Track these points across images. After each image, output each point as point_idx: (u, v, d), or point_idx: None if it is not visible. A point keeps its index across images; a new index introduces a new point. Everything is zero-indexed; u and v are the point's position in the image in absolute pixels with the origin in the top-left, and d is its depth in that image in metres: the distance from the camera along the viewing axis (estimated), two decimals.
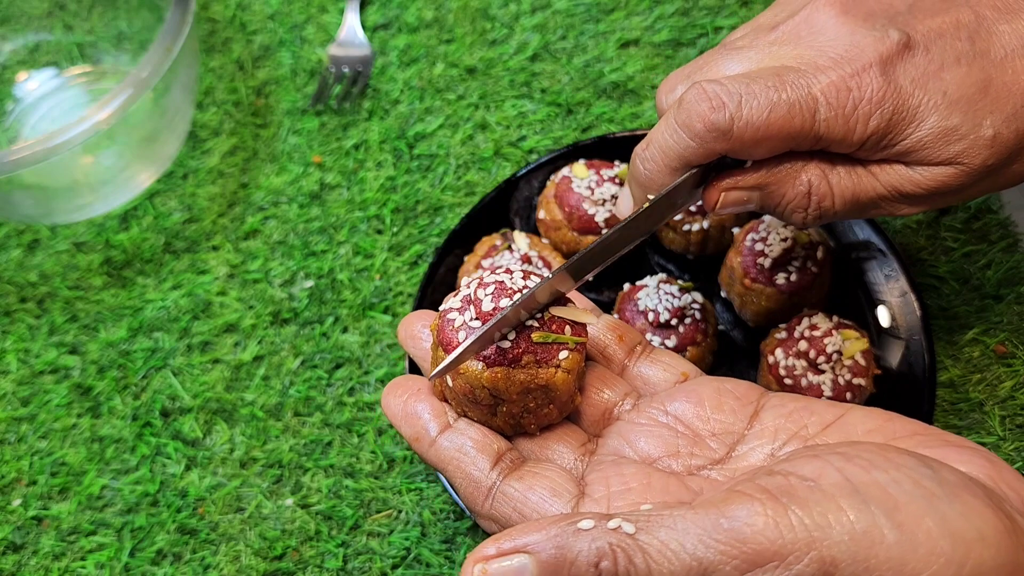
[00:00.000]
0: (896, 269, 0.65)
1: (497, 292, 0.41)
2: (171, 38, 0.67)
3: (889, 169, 0.46)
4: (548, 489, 0.39)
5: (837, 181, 0.47)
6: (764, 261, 0.65)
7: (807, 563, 0.31)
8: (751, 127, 0.44)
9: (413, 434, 0.42)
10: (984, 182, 0.46)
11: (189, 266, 0.76)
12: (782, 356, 0.62)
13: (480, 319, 0.41)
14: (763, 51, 0.47)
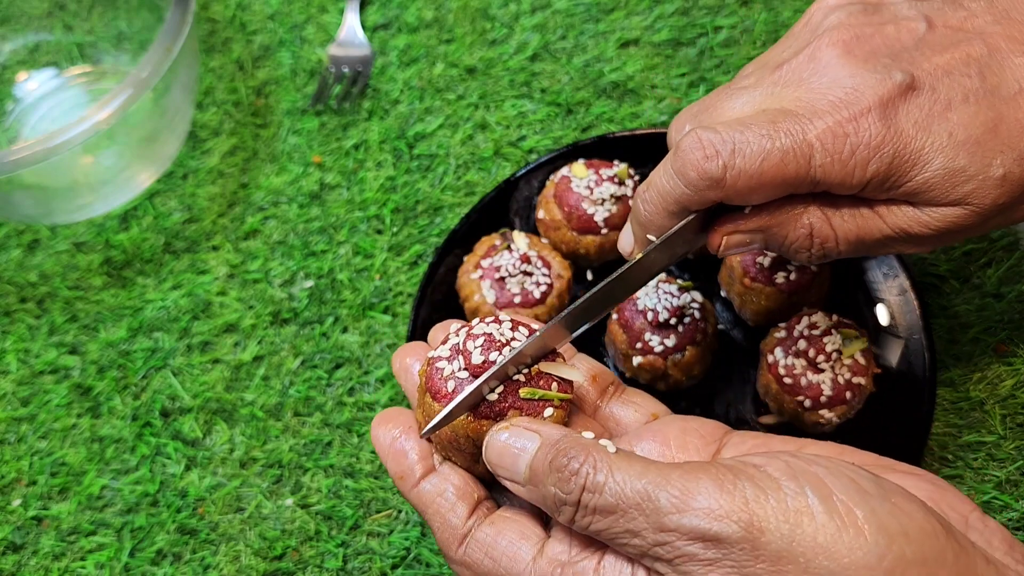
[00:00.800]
0: (895, 267, 0.65)
1: (487, 345, 0.42)
2: (171, 38, 0.67)
3: (896, 210, 0.46)
4: (517, 533, 0.40)
5: (840, 223, 0.47)
6: (764, 260, 0.65)
7: (735, 522, 0.33)
8: (744, 176, 0.44)
9: (398, 472, 0.43)
10: (996, 219, 0.45)
11: (189, 266, 0.76)
12: (782, 355, 0.62)
13: (469, 371, 0.42)
14: (767, 91, 0.47)
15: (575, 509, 0.37)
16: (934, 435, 0.64)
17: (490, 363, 0.41)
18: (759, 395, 0.65)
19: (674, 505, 0.34)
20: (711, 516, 0.34)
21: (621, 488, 0.36)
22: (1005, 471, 0.62)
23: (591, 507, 0.36)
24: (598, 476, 0.36)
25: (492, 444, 0.40)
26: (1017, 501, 0.61)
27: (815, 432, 0.63)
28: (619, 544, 0.36)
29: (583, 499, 0.36)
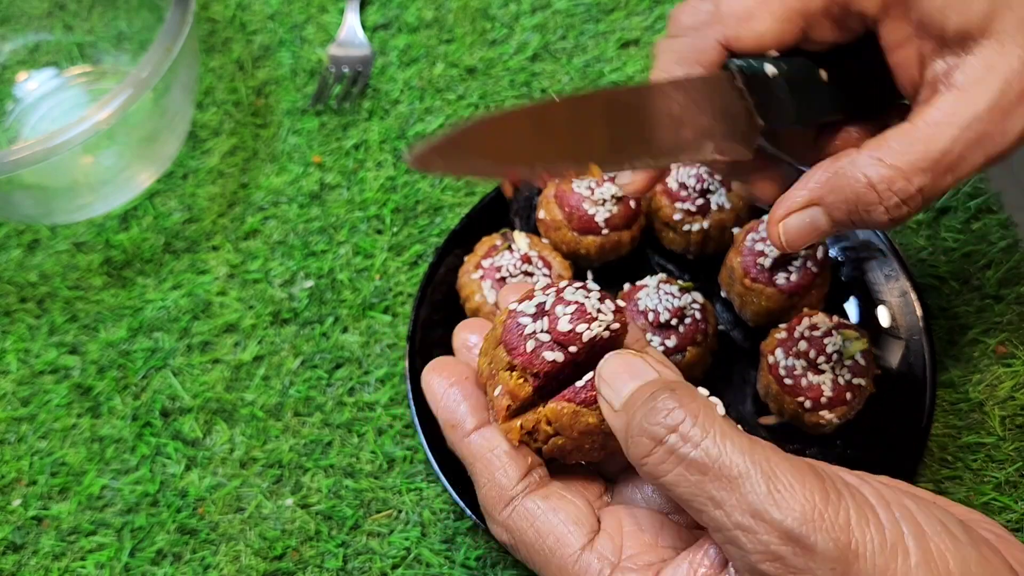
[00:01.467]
0: (896, 269, 0.65)
1: (577, 315, 0.40)
2: (171, 38, 0.67)
3: (936, 102, 0.41)
4: (571, 516, 0.39)
5: (895, 152, 0.40)
6: (764, 261, 0.65)
7: (833, 540, 0.31)
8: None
9: (450, 420, 0.41)
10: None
11: (189, 266, 0.76)
12: (782, 356, 0.62)
13: (553, 336, 0.40)
14: None
15: (655, 445, 0.34)
16: (934, 436, 0.64)
17: (576, 335, 0.40)
18: (759, 396, 0.65)
19: (774, 498, 0.32)
20: (811, 524, 0.31)
21: (719, 452, 0.33)
22: (1004, 472, 0.62)
23: (678, 455, 0.34)
24: (694, 429, 0.34)
25: (613, 361, 0.39)
26: (1016, 503, 0.61)
27: (815, 433, 0.63)
28: (694, 508, 0.34)
29: (671, 441, 0.34)
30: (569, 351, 0.40)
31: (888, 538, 0.31)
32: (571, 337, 0.40)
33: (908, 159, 0.39)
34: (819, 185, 0.42)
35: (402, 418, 0.68)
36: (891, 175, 0.40)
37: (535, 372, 0.40)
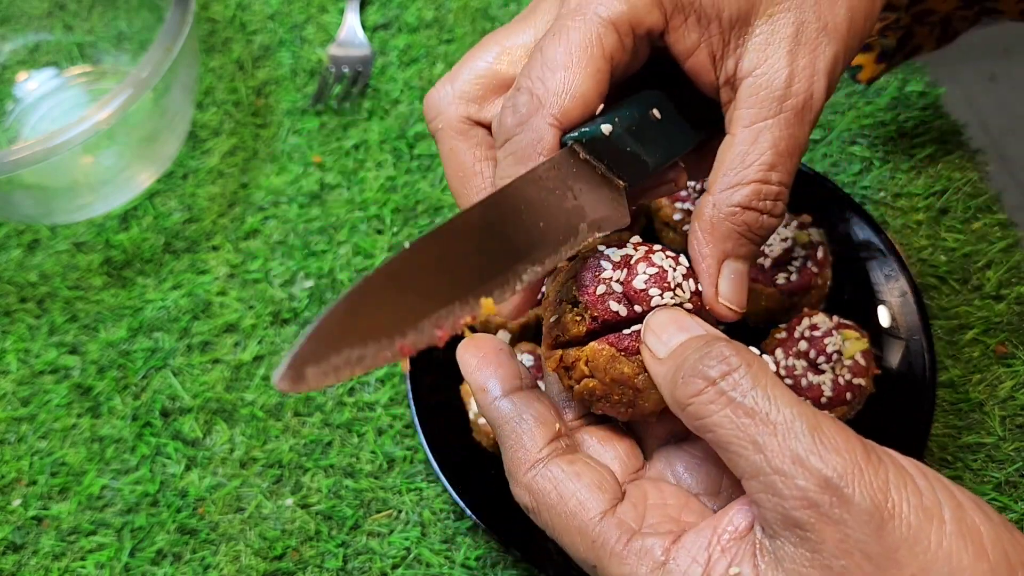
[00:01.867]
0: (896, 269, 0.65)
1: (657, 278, 0.40)
2: (171, 38, 0.67)
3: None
4: (594, 482, 0.38)
5: (738, 172, 0.41)
6: (764, 261, 0.65)
7: (870, 496, 0.32)
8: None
9: (480, 384, 0.41)
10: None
11: (189, 266, 0.76)
12: (782, 356, 0.62)
13: (625, 289, 0.40)
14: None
15: (707, 385, 0.35)
16: (934, 436, 0.64)
17: (648, 296, 0.40)
18: None
19: (817, 448, 0.32)
20: (851, 476, 0.32)
21: (769, 401, 0.33)
22: (1004, 472, 0.62)
23: (729, 397, 0.34)
24: (746, 377, 0.34)
25: (662, 314, 0.39)
26: (1016, 503, 0.61)
27: None
28: (732, 452, 0.34)
29: (723, 384, 0.34)
30: (635, 309, 0.40)
31: (925, 503, 0.32)
32: (642, 297, 0.40)
33: (754, 167, 0.40)
34: (711, 244, 0.42)
35: (402, 418, 0.68)
36: (751, 190, 0.40)
37: (595, 316, 0.40)
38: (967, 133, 0.75)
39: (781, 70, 0.40)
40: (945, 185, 0.73)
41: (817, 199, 0.68)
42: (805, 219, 0.67)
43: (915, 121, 0.76)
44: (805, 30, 0.40)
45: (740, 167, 0.40)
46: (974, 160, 0.74)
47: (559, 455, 0.39)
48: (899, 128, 0.76)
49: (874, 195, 0.73)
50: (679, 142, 0.43)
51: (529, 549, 0.58)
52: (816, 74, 0.40)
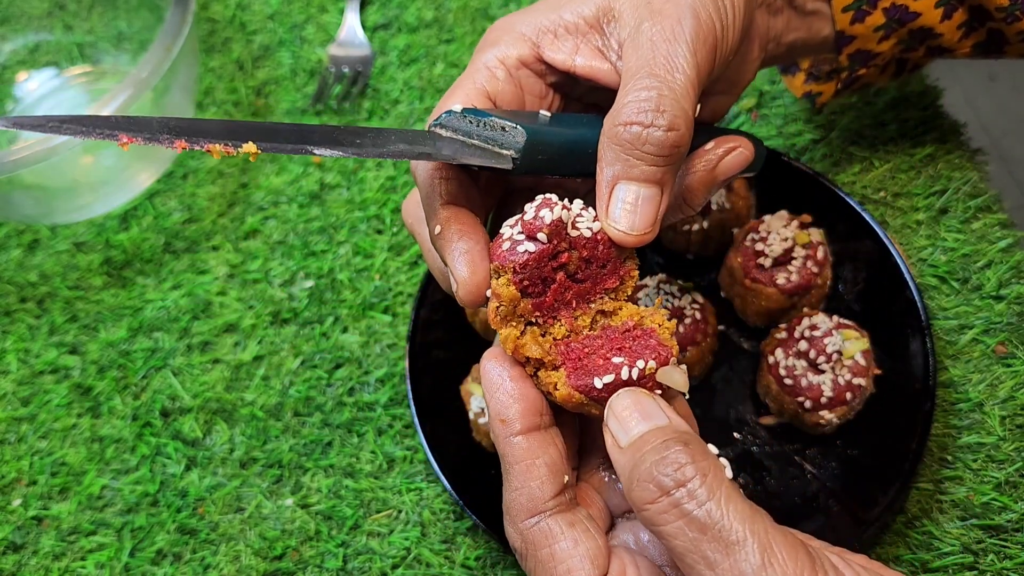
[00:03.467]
0: (896, 269, 0.65)
1: (542, 204, 0.41)
2: (171, 38, 0.67)
3: None
4: (588, 553, 0.39)
5: (624, 92, 0.43)
6: (764, 261, 0.65)
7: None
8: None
9: (501, 414, 0.41)
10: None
11: (189, 266, 0.76)
12: (782, 356, 0.62)
13: (522, 229, 0.41)
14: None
15: (661, 495, 0.35)
16: (934, 436, 0.64)
17: (539, 219, 0.41)
18: (759, 396, 0.65)
19: (767, 571, 0.33)
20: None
21: (721, 515, 0.34)
22: (1004, 472, 0.62)
23: (682, 510, 0.35)
24: (702, 488, 0.35)
25: (625, 397, 0.39)
26: (1016, 503, 0.61)
27: (815, 433, 0.63)
28: (686, 564, 0.35)
29: (677, 495, 0.35)
30: (539, 239, 0.41)
31: None
32: (536, 224, 0.41)
33: (632, 89, 0.42)
34: (601, 169, 0.43)
35: (402, 418, 0.68)
36: (629, 107, 0.41)
37: (512, 267, 0.41)
38: (967, 133, 0.75)
39: (645, 18, 0.43)
40: (945, 185, 0.73)
41: (817, 199, 0.68)
42: (805, 219, 0.67)
43: (915, 121, 0.76)
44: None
45: (621, 95, 0.42)
46: (974, 160, 0.74)
47: (561, 511, 0.40)
48: (899, 128, 0.76)
49: (874, 195, 0.73)
50: (573, 127, 0.45)
51: None
52: (678, 7, 0.43)
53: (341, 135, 0.40)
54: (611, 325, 0.43)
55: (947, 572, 0.59)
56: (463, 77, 0.48)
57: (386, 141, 0.40)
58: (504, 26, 0.49)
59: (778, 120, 0.78)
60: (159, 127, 0.36)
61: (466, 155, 0.41)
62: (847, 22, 0.58)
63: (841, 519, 0.59)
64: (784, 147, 0.76)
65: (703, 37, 0.43)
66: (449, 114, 0.43)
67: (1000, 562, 0.59)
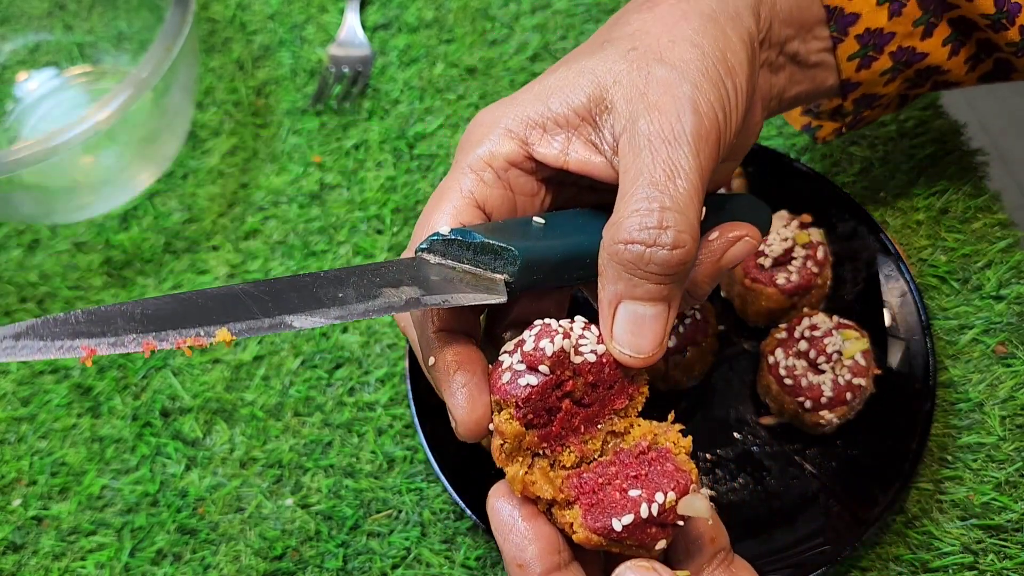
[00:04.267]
0: (896, 269, 0.65)
1: (542, 333, 0.39)
2: (171, 38, 0.67)
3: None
4: None
5: (623, 208, 0.41)
6: (764, 261, 0.65)
7: None
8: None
9: (518, 560, 0.39)
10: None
11: (189, 266, 0.76)
12: (782, 356, 0.62)
13: (523, 360, 0.39)
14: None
15: None
16: (934, 436, 0.64)
17: (540, 351, 0.39)
18: (759, 396, 0.65)
19: None
20: None
21: None
22: (1004, 472, 0.62)
23: None
24: None
25: (632, 570, 0.38)
26: (1016, 503, 0.61)
27: (815, 433, 0.63)
28: None
29: None
30: (540, 371, 0.39)
31: None
32: (537, 356, 0.39)
33: (632, 200, 0.39)
34: (602, 287, 0.41)
35: (402, 418, 0.68)
36: (631, 223, 0.39)
37: (514, 402, 0.39)
38: (967, 133, 0.75)
39: (642, 113, 0.40)
40: (945, 185, 0.73)
41: (817, 199, 0.68)
42: (805, 219, 0.67)
43: (915, 121, 0.76)
44: (653, 76, 0.42)
45: (620, 207, 0.40)
46: (974, 160, 0.74)
47: None
48: (899, 128, 0.76)
49: (874, 195, 0.73)
50: (570, 236, 0.43)
51: None
52: (676, 101, 0.41)
53: (321, 289, 0.37)
54: (623, 448, 0.41)
55: (947, 572, 0.59)
56: (448, 182, 0.45)
57: (371, 288, 0.38)
58: (488, 121, 0.45)
59: (778, 120, 0.78)
60: (124, 323, 0.33)
61: (456, 289, 0.39)
62: (853, 70, 0.56)
63: (841, 519, 0.59)
64: (784, 147, 0.76)
65: (705, 134, 0.40)
66: (436, 237, 0.41)
67: (1000, 562, 0.59)
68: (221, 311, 0.35)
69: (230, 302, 0.35)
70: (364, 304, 0.37)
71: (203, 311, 0.35)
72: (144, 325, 0.34)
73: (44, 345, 0.33)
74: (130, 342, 0.33)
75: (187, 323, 0.34)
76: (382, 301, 0.37)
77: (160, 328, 0.34)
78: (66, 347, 0.33)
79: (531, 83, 0.46)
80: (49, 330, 0.33)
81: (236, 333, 0.34)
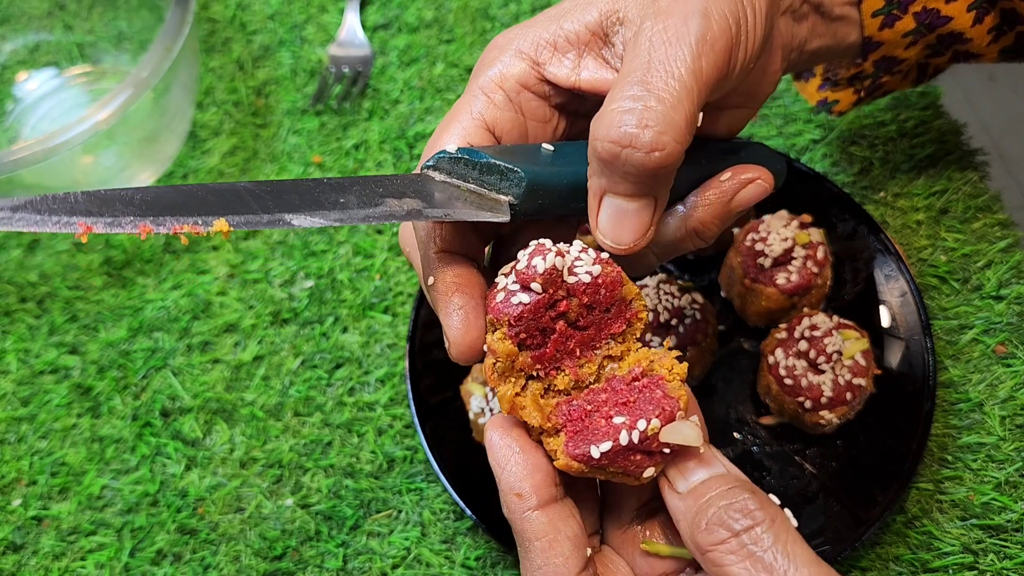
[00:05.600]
0: (896, 269, 0.65)
1: (536, 252, 0.39)
2: (171, 38, 0.67)
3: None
4: None
5: (613, 96, 0.40)
6: (764, 261, 0.65)
7: None
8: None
9: (514, 488, 0.39)
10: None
11: (189, 266, 0.76)
12: (782, 356, 0.62)
13: (516, 278, 0.39)
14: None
15: (731, 536, 0.36)
16: (933, 436, 0.64)
17: (532, 268, 0.38)
18: (759, 396, 0.65)
19: None
20: None
21: (788, 561, 0.35)
22: (1004, 472, 0.62)
23: (749, 551, 0.36)
24: (768, 533, 0.36)
25: (678, 431, 0.38)
26: (1016, 503, 0.61)
27: (815, 433, 0.63)
28: None
29: (746, 539, 0.36)
30: (532, 289, 0.39)
31: None
32: (529, 274, 0.39)
33: (618, 100, 0.39)
34: (590, 178, 0.41)
35: (402, 418, 0.68)
36: (613, 119, 0.38)
37: (507, 321, 0.39)
38: (967, 133, 0.75)
39: (648, 18, 0.40)
40: (945, 185, 0.73)
41: (817, 199, 0.68)
42: (805, 219, 0.67)
43: (915, 121, 0.76)
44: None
45: (608, 100, 0.39)
46: (974, 160, 0.74)
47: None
48: (899, 128, 0.76)
49: (874, 195, 0.73)
50: (578, 163, 0.42)
51: None
52: (688, 5, 0.39)
53: (323, 193, 0.37)
54: (616, 375, 0.40)
55: (947, 572, 0.59)
56: (459, 105, 0.44)
57: (373, 196, 0.38)
58: (501, 43, 0.45)
59: (778, 120, 0.78)
60: (122, 207, 0.33)
61: (460, 206, 0.39)
62: (876, 27, 0.55)
63: (841, 519, 0.59)
64: (784, 147, 0.76)
65: (711, 40, 0.39)
66: (442, 155, 0.40)
67: (1000, 562, 0.59)
68: (221, 204, 0.35)
69: (231, 196, 0.35)
70: (365, 210, 0.37)
71: (203, 202, 0.35)
72: (143, 210, 0.34)
73: (41, 219, 0.33)
74: (127, 224, 0.33)
75: (186, 212, 0.34)
76: (383, 209, 0.37)
77: (159, 214, 0.34)
78: (63, 222, 0.33)
79: (548, 8, 0.45)
80: (47, 206, 0.33)
81: (234, 225, 0.35)
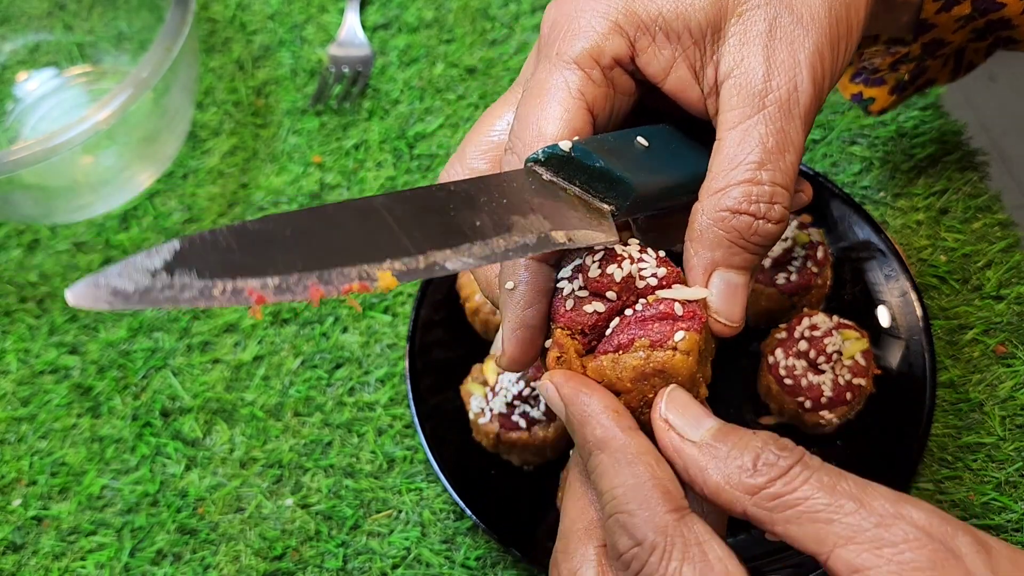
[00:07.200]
0: (896, 269, 0.65)
1: (607, 259, 0.38)
2: (171, 38, 0.67)
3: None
4: (729, 555, 0.35)
5: (727, 174, 0.39)
6: (764, 261, 0.65)
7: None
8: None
9: (609, 406, 0.37)
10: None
11: None
12: (782, 356, 0.62)
13: (587, 286, 0.38)
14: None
15: (789, 466, 0.34)
16: (934, 436, 0.64)
17: (608, 277, 0.38)
18: (759, 396, 0.65)
19: (908, 501, 0.33)
20: (947, 522, 0.32)
21: (842, 475, 0.33)
22: (1004, 472, 0.62)
23: (809, 472, 0.34)
24: (815, 460, 0.34)
25: (678, 392, 0.37)
26: (1016, 503, 0.61)
27: (815, 433, 0.63)
28: (822, 519, 0.33)
29: (800, 465, 0.34)
30: (607, 298, 0.38)
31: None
32: (605, 283, 0.38)
33: (742, 167, 0.38)
34: (698, 252, 0.40)
35: (402, 418, 0.68)
36: (740, 192, 0.38)
37: (580, 329, 0.38)
38: (967, 133, 0.75)
39: (758, 67, 0.39)
40: (945, 185, 0.73)
41: (817, 199, 0.68)
42: (805, 219, 0.67)
43: (915, 121, 0.76)
44: (779, 24, 0.39)
45: (728, 169, 0.38)
46: (974, 160, 0.74)
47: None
48: (899, 128, 0.76)
49: (874, 195, 0.73)
50: (673, 167, 0.41)
51: (529, 549, 0.58)
52: (797, 66, 0.39)
53: (459, 213, 0.34)
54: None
55: None
56: (550, 77, 0.40)
57: (503, 215, 0.35)
58: (585, 7, 0.40)
59: None
60: (290, 266, 0.29)
61: (571, 220, 0.37)
62: (933, 11, 0.53)
63: None
64: None
65: (815, 108, 0.39)
66: (555, 151, 0.38)
67: None
68: (366, 235, 0.32)
69: (375, 221, 0.32)
70: (503, 239, 0.35)
71: (352, 237, 0.31)
72: (310, 265, 0.30)
73: (205, 298, 0.28)
74: (299, 291, 0.30)
75: (346, 257, 0.31)
76: (517, 238, 0.35)
77: (327, 267, 0.30)
78: (231, 296, 0.29)
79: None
80: (211, 269, 0.28)
81: (397, 275, 0.32)
